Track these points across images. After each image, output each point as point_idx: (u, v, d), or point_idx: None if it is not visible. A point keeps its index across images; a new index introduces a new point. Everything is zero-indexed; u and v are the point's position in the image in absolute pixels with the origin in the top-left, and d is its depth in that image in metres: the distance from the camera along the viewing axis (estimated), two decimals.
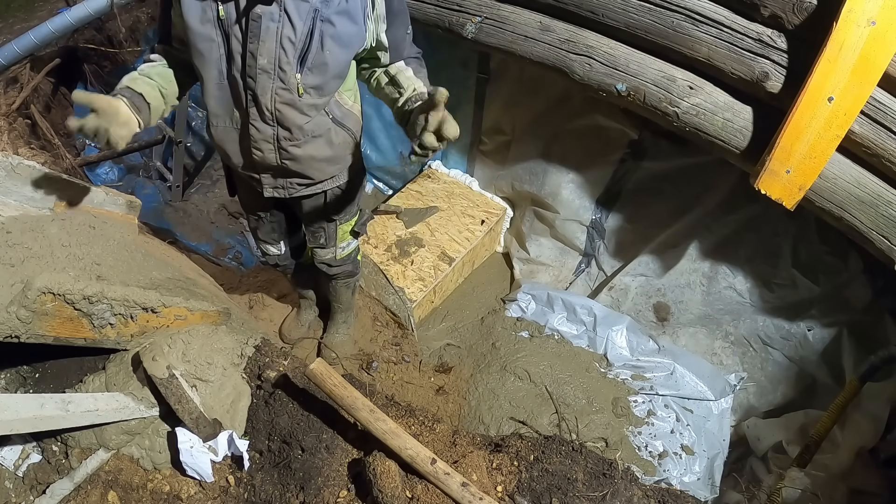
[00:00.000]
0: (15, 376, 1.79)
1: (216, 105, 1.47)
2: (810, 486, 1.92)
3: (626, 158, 2.64)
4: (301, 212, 1.84)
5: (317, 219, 1.84)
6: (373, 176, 3.70)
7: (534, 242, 3.14)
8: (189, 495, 1.70)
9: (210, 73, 1.40)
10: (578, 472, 1.56)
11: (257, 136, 1.50)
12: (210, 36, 1.34)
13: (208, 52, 1.37)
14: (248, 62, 1.36)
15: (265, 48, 1.33)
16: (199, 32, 1.33)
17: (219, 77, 1.41)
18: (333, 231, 1.89)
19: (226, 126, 1.51)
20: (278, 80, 1.38)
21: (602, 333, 2.78)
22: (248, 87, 1.40)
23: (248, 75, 1.38)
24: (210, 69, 1.40)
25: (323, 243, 1.92)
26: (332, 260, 2.02)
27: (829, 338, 2.43)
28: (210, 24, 1.32)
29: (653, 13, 1.82)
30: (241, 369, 1.84)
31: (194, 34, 1.34)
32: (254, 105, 1.43)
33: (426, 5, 2.31)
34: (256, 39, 1.32)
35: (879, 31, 1.47)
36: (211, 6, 1.30)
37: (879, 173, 1.72)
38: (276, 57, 1.35)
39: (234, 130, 1.52)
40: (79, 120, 1.26)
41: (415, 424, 1.69)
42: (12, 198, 1.77)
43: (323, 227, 1.86)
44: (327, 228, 1.87)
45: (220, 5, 1.30)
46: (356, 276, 2.23)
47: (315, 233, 1.89)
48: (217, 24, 1.32)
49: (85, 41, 3.37)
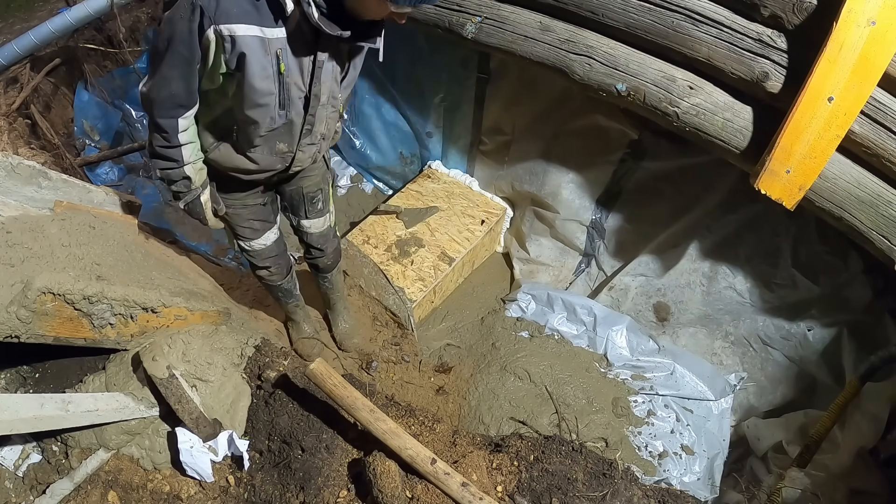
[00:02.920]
0: (15, 376, 1.79)
1: (261, 141, 1.55)
2: (810, 486, 1.92)
3: (626, 158, 2.64)
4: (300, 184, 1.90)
5: (318, 180, 1.93)
6: (373, 176, 3.71)
7: (534, 242, 3.14)
8: (189, 495, 1.70)
9: (263, 120, 1.48)
10: (578, 472, 1.56)
11: (303, 157, 1.67)
12: (270, 90, 1.41)
13: (266, 103, 1.43)
14: (311, 103, 1.50)
15: (325, 87, 1.49)
16: (261, 89, 1.39)
17: (270, 122, 1.49)
18: (328, 190, 2.01)
19: (263, 154, 1.59)
20: (330, 107, 1.58)
21: (602, 333, 2.78)
22: (306, 124, 1.55)
23: (309, 114, 1.52)
24: (264, 118, 1.47)
25: (321, 208, 2.00)
26: (328, 230, 2.09)
27: (829, 338, 2.43)
28: (270, 79, 1.38)
29: (653, 13, 1.82)
30: (241, 369, 1.84)
31: (255, 92, 1.39)
32: (308, 135, 1.59)
33: (426, 5, 2.31)
34: (318, 82, 1.46)
35: (879, 31, 1.47)
36: (271, 62, 1.35)
37: (879, 173, 1.72)
38: (331, 91, 1.52)
39: (274, 157, 1.62)
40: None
41: (415, 424, 1.69)
42: (12, 198, 1.77)
43: (321, 189, 1.95)
44: (324, 189, 1.97)
45: (280, 62, 1.36)
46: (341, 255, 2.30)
47: (314, 197, 1.95)
48: (276, 78, 1.39)
49: (85, 41, 3.37)
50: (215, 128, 1.55)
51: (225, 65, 1.34)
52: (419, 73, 3.03)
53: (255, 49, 1.30)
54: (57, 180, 1.86)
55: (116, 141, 3.59)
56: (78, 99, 3.42)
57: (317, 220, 2.01)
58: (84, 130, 3.46)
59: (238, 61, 1.32)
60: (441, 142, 3.31)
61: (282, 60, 1.36)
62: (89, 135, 3.49)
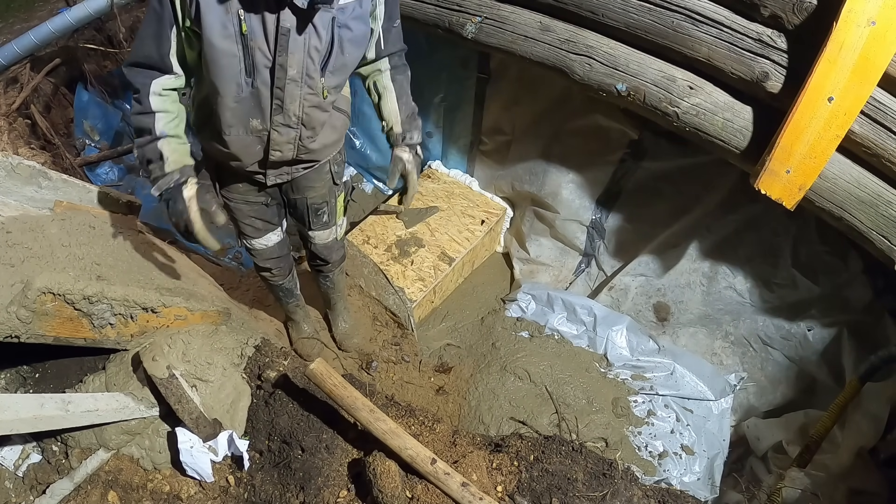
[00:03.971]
0: (15, 376, 1.79)
1: (231, 116, 1.48)
2: (810, 486, 1.92)
3: (626, 158, 2.64)
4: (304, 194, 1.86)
5: (324, 192, 1.88)
6: (373, 176, 3.70)
7: (534, 242, 3.14)
8: (189, 495, 1.70)
9: (228, 87, 1.41)
10: (578, 472, 1.56)
11: (280, 140, 1.55)
12: (232, 51, 1.34)
13: (228, 67, 1.37)
14: (276, 74, 1.39)
15: (294, 60, 1.38)
16: (221, 48, 1.32)
17: (237, 90, 1.42)
18: (334, 203, 1.96)
19: (239, 135, 1.53)
20: (306, 87, 1.45)
21: (602, 333, 2.78)
22: (275, 98, 1.45)
23: (276, 86, 1.42)
24: (228, 84, 1.41)
25: (326, 220, 1.96)
26: (333, 243, 2.06)
27: (829, 338, 2.43)
28: (231, 39, 1.32)
29: (653, 13, 1.82)
30: (241, 369, 1.84)
31: (215, 50, 1.33)
32: (280, 112, 1.48)
33: (426, 5, 2.31)
34: (285, 52, 1.36)
35: (879, 31, 1.47)
36: (232, 21, 1.30)
37: (879, 173, 1.72)
38: (304, 67, 1.41)
39: (250, 136, 1.54)
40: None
41: (415, 424, 1.69)
42: (12, 198, 1.77)
43: (326, 202, 1.91)
44: (330, 202, 1.93)
45: (241, 21, 1.30)
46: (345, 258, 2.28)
47: (318, 210, 1.92)
48: (239, 40, 1.33)
49: (85, 41, 3.37)
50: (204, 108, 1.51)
51: (188, 18, 1.30)
52: (419, 73, 3.00)
53: (210, 1, 1.27)
54: (57, 180, 1.86)
55: (116, 141, 3.59)
56: (78, 99, 3.42)
57: (321, 233, 2.00)
58: (84, 130, 3.47)
59: (196, 12, 1.28)
60: (441, 142, 3.31)
61: (243, 21, 1.30)
62: (89, 135, 3.49)
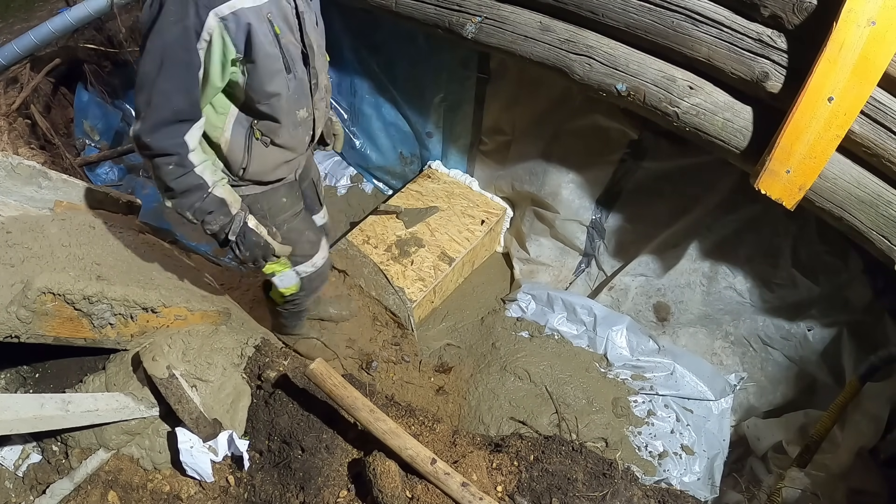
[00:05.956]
0: (15, 376, 1.79)
1: (285, 117, 1.51)
2: (810, 486, 1.92)
3: (626, 158, 2.63)
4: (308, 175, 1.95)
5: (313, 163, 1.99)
6: (373, 176, 3.71)
7: (534, 242, 3.14)
8: (189, 495, 1.70)
9: (285, 90, 1.45)
10: (578, 472, 1.56)
11: (319, 116, 1.66)
12: (276, 54, 1.38)
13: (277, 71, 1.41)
14: (307, 53, 1.48)
15: (313, 38, 1.49)
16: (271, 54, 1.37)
17: (287, 90, 1.46)
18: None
19: (289, 131, 1.56)
20: (321, 55, 1.57)
21: (602, 333, 2.78)
22: (312, 77, 1.54)
23: (311, 66, 1.51)
24: (283, 86, 1.44)
25: (322, 198, 2.08)
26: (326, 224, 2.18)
27: (829, 338, 2.43)
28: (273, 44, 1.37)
29: (653, 13, 1.82)
30: (241, 369, 1.84)
31: (270, 58, 1.36)
32: (317, 90, 1.58)
33: (426, 5, 2.31)
34: (306, 33, 1.46)
35: (879, 31, 1.46)
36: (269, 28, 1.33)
37: (879, 173, 1.72)
38: (316, 38, 1.53)
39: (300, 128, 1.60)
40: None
41: (415, 424, 1.69)
42: (12, 198, 1.77)
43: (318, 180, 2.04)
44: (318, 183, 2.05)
45: (272, 24, 1.34)
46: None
47: (318, 185, 2.03)
48: (275, 41, 1.36)
49: (85, 41, 3.37)
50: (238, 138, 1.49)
51: (234, 48, 1.28)
52: (419, 73, 3.03)
53: (255, 18, 1.28)
54: (57, 180, 1.86)
55: (116, 141, 3.59)
56: (78, 99, 3.42)
57: (323, 209, 2.12)
58: (84, 130, 3.46)
59: (247, 38, 1.28)
60: (441, 142, 3.31)
61: (274, 23, 1.34)
62: (89, 135, 3.49)
